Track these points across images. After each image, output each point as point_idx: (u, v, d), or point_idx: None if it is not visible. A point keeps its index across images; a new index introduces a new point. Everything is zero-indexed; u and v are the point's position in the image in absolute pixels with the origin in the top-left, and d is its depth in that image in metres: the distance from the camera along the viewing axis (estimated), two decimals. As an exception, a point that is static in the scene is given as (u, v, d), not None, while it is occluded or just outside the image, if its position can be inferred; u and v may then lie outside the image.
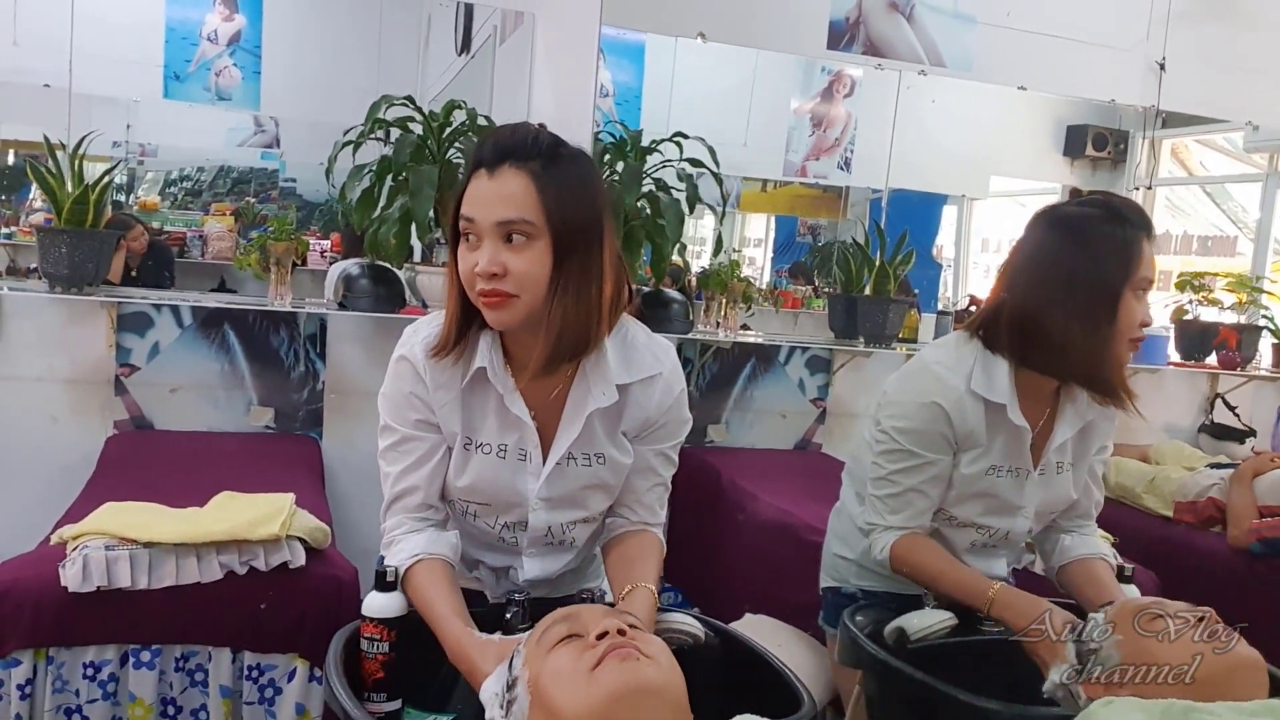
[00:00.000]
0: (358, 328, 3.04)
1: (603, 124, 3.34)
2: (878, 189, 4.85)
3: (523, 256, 1.26)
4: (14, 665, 1.75)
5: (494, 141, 1.29)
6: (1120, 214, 1.56)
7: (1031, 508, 1.72)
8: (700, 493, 3.18)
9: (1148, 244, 1.56)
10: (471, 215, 1.28)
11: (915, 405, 1.65)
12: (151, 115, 5.48)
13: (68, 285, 2.74)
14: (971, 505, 1.72)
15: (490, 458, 1.41)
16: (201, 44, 5.08)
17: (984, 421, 1.64)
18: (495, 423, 1.40)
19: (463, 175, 1.33)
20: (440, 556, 1.38)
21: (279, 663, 1.90)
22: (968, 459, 1.67)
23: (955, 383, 1.63)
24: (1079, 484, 1.76)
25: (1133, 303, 1.56)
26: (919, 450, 1.65)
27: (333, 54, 5.21)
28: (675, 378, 1.46)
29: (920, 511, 1.69)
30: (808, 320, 5.28)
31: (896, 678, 1.45)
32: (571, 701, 1.02)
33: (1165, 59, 3.92)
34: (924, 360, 1.71)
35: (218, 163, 5.93)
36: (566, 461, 1.41)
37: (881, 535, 1.71)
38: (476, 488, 1.42)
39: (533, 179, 1.26)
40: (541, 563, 1.50)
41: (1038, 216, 1.64)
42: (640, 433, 1.45)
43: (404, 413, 1.40)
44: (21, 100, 4.98)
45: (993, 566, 1.79)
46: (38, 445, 2.83)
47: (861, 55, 3.68)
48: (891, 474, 1.68)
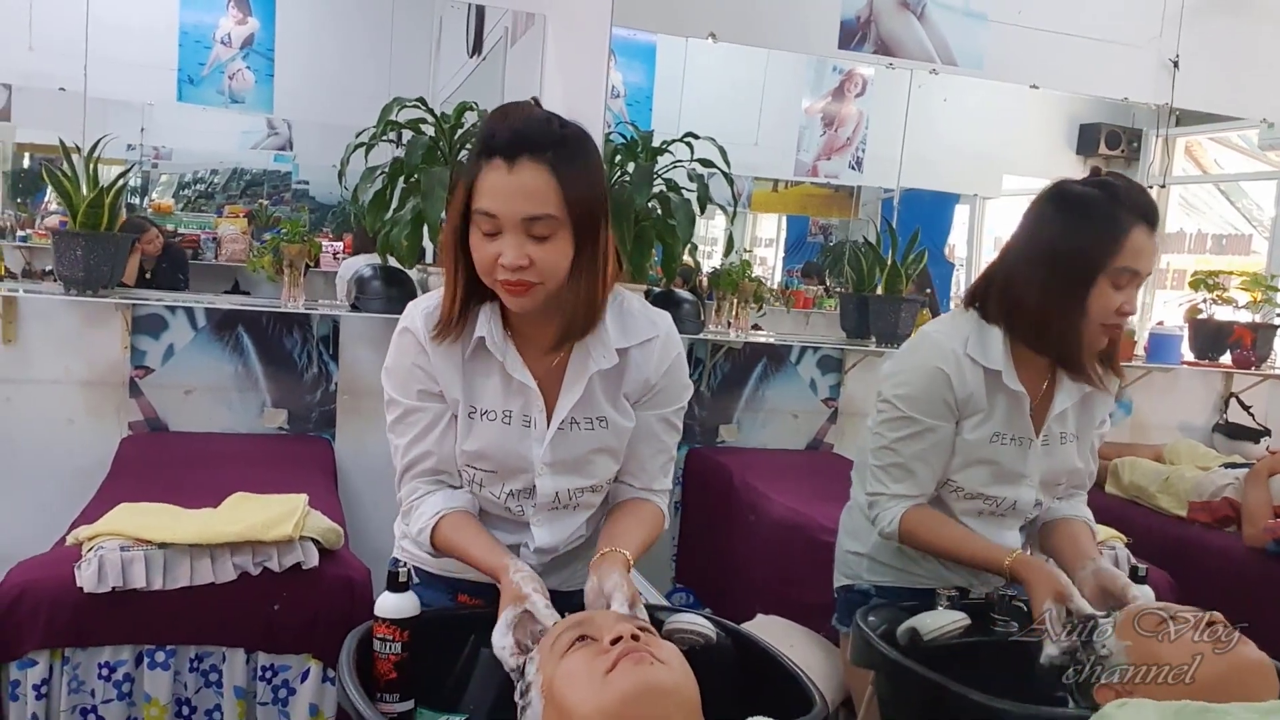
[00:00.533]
0: (370, 329, 3.05)
1: (614, 125, 3.34)
2: (889, 188, 4.85)
3: (547, 248, 1.29)
4: (30, 665, 1.77)
5: (510, 130, 1.28)
6: (1118, 198, 1.55)
7: (1036, 476, 1.72)
8: (712, 493, 3.18)
9: (1140, 234, 1.53)
10: (494, 210, 1.28)
11: (916, 371, 1.67)
12: (165, 118, 5.52)
13: (83, 288, 2.76)
14: (976, 473, 1.71)
15: (495, 424, 1.43)
16: (215, 47, 5.10)
17: (983, 386, 1.66)
18: (499, 389, 1.42)
19: (470, 158, 1.33)
20: (461, 508, 1.42)
21: (292, 663, 1.91)
22: (970, 425, 1.68)
23: (953, 347, 1.65)
24: (1084, 455, 1.77)
25: (1108, 290, 1.54)
26: (920, 417, 1.66)
27: (345, 56, 5.23)
28: (671, 340, 1.48)
29: (924, 480, 1.69)
30: (819, 320, 5.27)
31: (909, 678, 1.45)
32: (585, 704, 1.03)
33: (1179, 56, 3.90)
34: (923, 331, 1.75)
35: (231, 165, 5.96)
36: (569, 425, 1.43)
37: (888, 505, 1.70)
38: (483, 453, 1.44)
39: (551, 171, 1.27)
40: (551, 530, 1.50)
41: (1046, 189, 1.65)
42: (641, 396, 1.47)
43: (409, 385, 1.43)
44: (37, 104, 5.04)
45: (1004, 536, 1.78)
46: (54, 447, 2.86)
47: (873, 55, 3.67)
48: (893, 442, 1.68)
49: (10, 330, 2.81)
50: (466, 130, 2.83)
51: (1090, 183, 1.60)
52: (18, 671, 1.77)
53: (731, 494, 3.04)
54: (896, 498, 1.70)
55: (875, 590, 1.86)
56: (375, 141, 2.83)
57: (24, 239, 5.26)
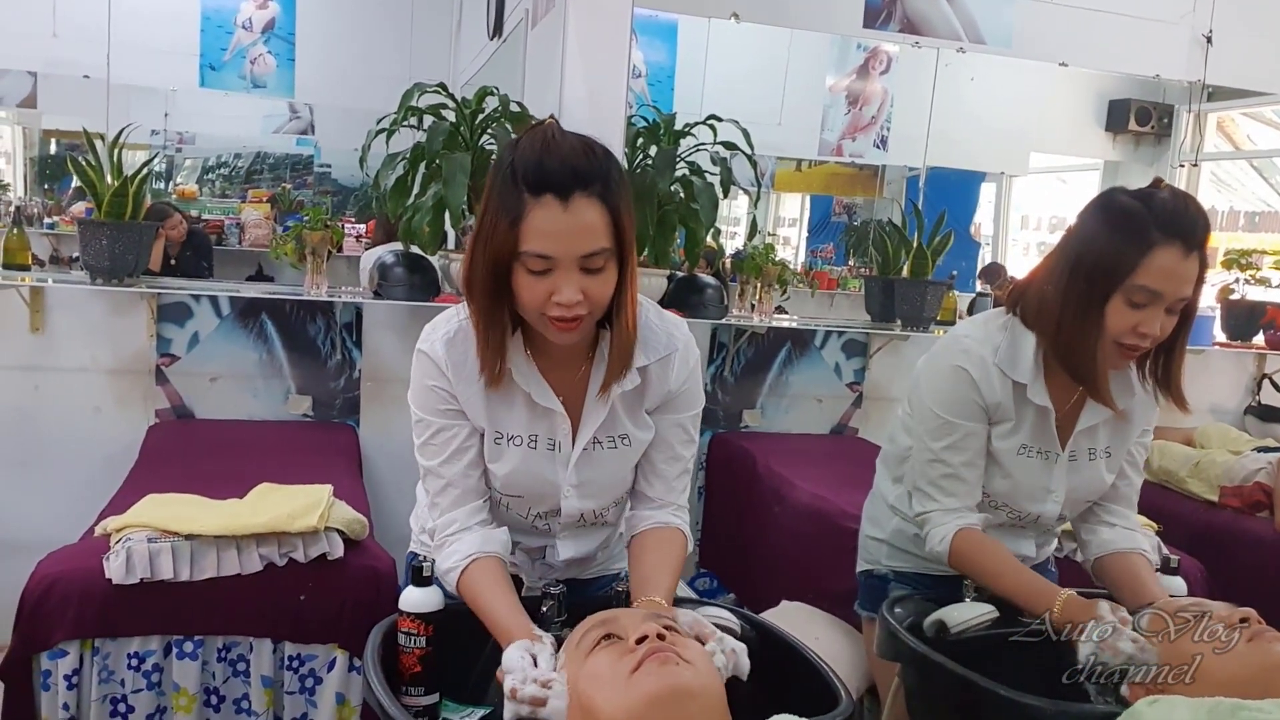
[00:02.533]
0: (393, 316, 3.06)
1: (636, 106, 3.31)
2: (915, 167, 4.80)
3: (599, 280, 1.26)
4: (61, 656, 1.79)
5: (562, 164, 1.22)
6: (1152, 212, 1.46)
7: (1061, 492, 1.68)
8: (735, 478, 3.17)
9: (1168, 254, 1.44)
10: (550, 252, 1.23)
11: (944, 373, 1.64)
12: (188, 104, 5.55)
13: (109, 277, 2.78)
14: (1002, 485, 1.68)
15: (522, 449, 1.42)
16: (236, 32, 5.12)
17: (1011, 397, 1.62)
18: (523, 414, 1.41)
19: (507, 190, 1.24)
20: (493, 554, 1.38)
21: (319, 653, 1.92)
22: (999, 433, 1.65)
23: (981, 353, 1.62)
24: (1115, 470, 1.71)
25: (1122, 308, 1.48)
26: (958, 420, 1.62)
27: (365, 40, 5.24)
28: (690, 350, 1.46)
29: (973, 489, 1.65)
30: (844, 302, 5.24)
31: (936, 671, 1.43)
32: (610, 705, 1.03)
33: (1212, 31, 3.82)
34: (953, 333, 1.70)
35: (254, 150, 5.99)
36: (593, 446, 1.42)
37: (941, 522, 1.64)
38: (511, 480, 1.43)
39: (603, 204, 1.24)
40: (576, 544, 1.51)
41: (1098, 195, 1.59)
42: (660, 404, 1.46)
43: (432, 404, 1.40)
44: (63, 91, 5.07)
45: (1020, 546, 1.76)
46: (82, 435, 2.88)
47: (899, 34, 3.62)
48: (941, 452, 1.64)
49: (38, 319, 2.83)
50: (487, 115, 2.81)
51: (1137, 193, 1.52)
52: (49, 662, 1.79)
53: (755, 479, 3.03)
54: (950, 512, 1.64)
55: (894, 575, 1.85)
56: (396, 127, 2.82)
57: (51, 226, 5.31)
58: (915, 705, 1.58)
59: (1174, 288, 1.46)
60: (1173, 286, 1.46)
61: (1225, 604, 1.34)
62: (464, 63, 4.61)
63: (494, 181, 1.27)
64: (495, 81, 2.99)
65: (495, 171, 1.28)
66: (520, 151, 1.24)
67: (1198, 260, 1.47)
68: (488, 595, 1.33)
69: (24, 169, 5.65)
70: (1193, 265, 1.47)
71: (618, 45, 2.71)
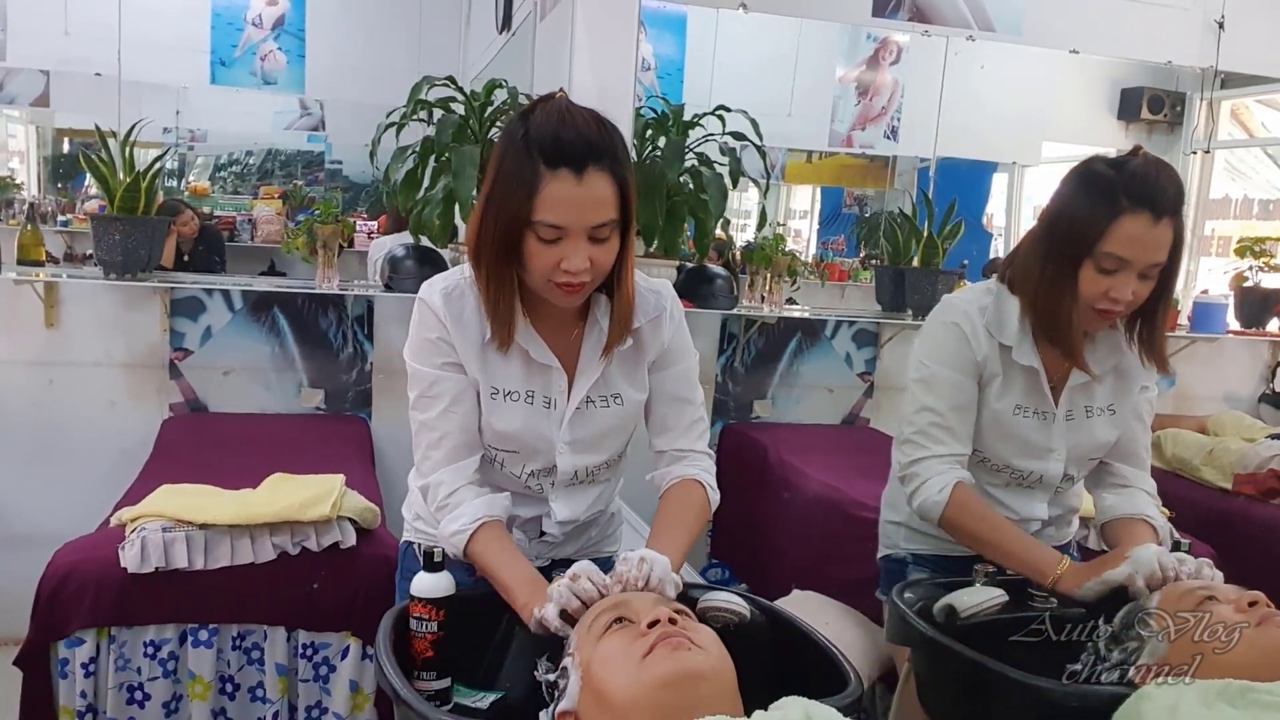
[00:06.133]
0: (404, 309, 3.06)
1: (645, 98, 3.31)
2: (925, 157, 4.77)
3: (604, 248, 1.31)
4: (78, 644, 1.81)
5: (577, 138, 1.25)
6: (1122, 180, 1.48)
7: (1062, 450, 1.70)
8: (747, 468, 3.18)
9: (1135, 222, 1.46)
10: (562, 223, 1.26)
11: (936, 327, 1.69)
12: (200, 101, 5.57)
13: (122, 272, 2.80)
14: (1003, 447, 1.70)
15: (518, 404, 1.44)
16: (246, 28, 5.14)
17: (999, 357, 1.66)
18: (519, 370, 1.43)
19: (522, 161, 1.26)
20: (499, 520, 1.41)
21: (332, 641, 1.94)
22: (994, 392, 1.67)
23: (970, 310, 1.66)
24: (1121, 426, 1.72)
25: (1093, 274, 1.50)
26: (948, 370, 1.65)
27: (375, 35, 5.25)
28: (676, 307, 1.51)
29: (963, 437, 1.67)
30: (854, 294, 5.22)
31: (946, 655, 1.43)
32: (622, 687, 1.03)
33: (1224, 17, 3.79)
34: (945, 299, 1.75)
35: (265, 146, 6.00)
36: (585, 404, 1.45)
37: (937, 470, 1.64)
38: (508, 434, 1.45)
39: (613, 177, 1.28)
40: (569, 504, 1.52)
41: (1080, 161, 1.61)
42: (655, 359, 1.50)
43: (430, 357, 1.43)
44: (74, 89, 5.10)
45: (1033, 507, 1.76)
46: (97, 428, 2.91)
47: (908, 22, 3.60)
48: (928, 402, 1.67)
49: (52, 315, 2.85)
50: (496, 108, 2.82)
51: (1112, 161, 1.54)
52: (66, 650, 1.81)
53: (766, 469, 3.03)
54: (941, 459, 1.65)
55: (912, 558, 1.86)
56: (406, 121, 2.83)
57: (65, 223, 5.34)
58: (926, 689, 1.58)
59: (1144, 254, 1.48)
60: (1142, 253, 1.48)
61: (1234, 586, 1.34)
62: (473, 56, 4.62)
63: (506, 150, 1.29)
64: (504, 75, 3.00)
65: (507, 140, 1.30)
66: (534, 123, 1.27)
67: (1170, 227, 1.48)
68: (502, 558, 1.35)
69: (38, 168, 5.68)
70: (1164, 232, 1.48)
71: (626, 36, 2.71)
